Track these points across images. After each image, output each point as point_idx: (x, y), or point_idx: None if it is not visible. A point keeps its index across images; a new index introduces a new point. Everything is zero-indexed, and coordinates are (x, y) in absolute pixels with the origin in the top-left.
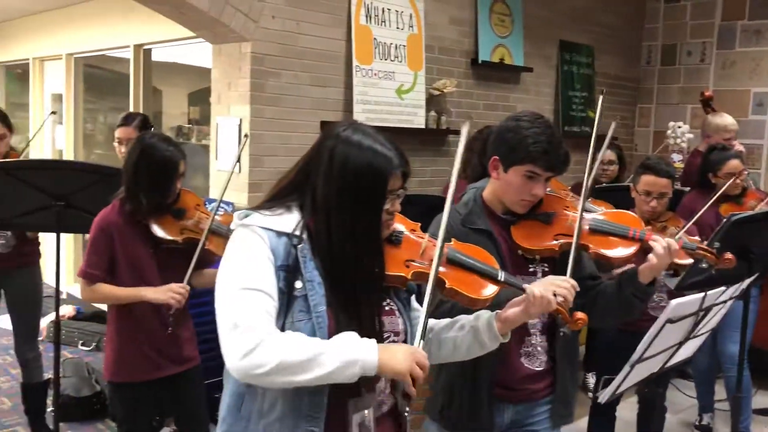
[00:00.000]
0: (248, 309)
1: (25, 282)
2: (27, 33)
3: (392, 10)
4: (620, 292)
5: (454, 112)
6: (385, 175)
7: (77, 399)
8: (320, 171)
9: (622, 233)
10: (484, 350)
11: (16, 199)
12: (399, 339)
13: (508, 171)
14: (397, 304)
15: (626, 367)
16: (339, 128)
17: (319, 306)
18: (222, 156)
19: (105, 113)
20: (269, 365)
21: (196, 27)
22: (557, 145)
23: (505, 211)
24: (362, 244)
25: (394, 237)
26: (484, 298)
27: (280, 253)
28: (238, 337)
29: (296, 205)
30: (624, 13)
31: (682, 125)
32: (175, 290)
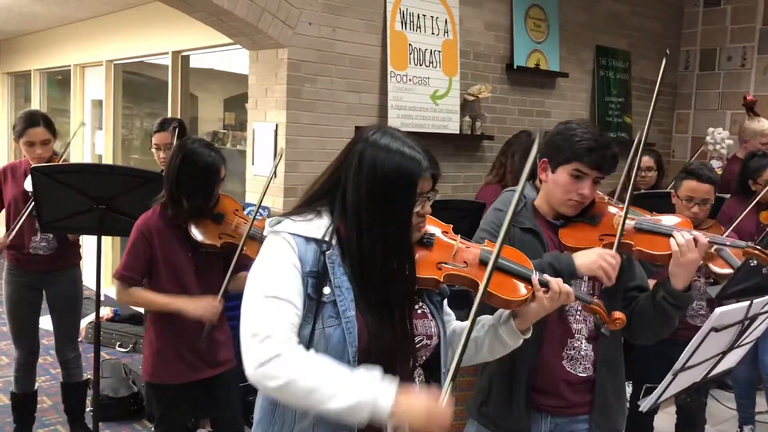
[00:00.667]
0: (268, 318)
1: (66, 284)
2: (68, 40)
3: (427, 15)
4: (654, 298)
5: (489, 117)
6: (415, 177)
7: (115, 399)
8: (350, 175)
9: (668, 233)
10: (507, 349)
11: (59, 203)
12: (432, 342)
13: (555, 171)
14: (430, 307)
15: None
16: (368, 132)
17: (348, 311)
18: (258, 161)
19: (142, 119)
20: (279, 381)
21: (233, 34)
22: (605, 144)
23: (555, 216)
24: (393, 247)
25: (426, 239)
26: (519, 299)
27: (309, 260)
28: (256, 345)
29: (326, 209)
30: (661, 18)
31: (722, 131)
32: (207, 308)
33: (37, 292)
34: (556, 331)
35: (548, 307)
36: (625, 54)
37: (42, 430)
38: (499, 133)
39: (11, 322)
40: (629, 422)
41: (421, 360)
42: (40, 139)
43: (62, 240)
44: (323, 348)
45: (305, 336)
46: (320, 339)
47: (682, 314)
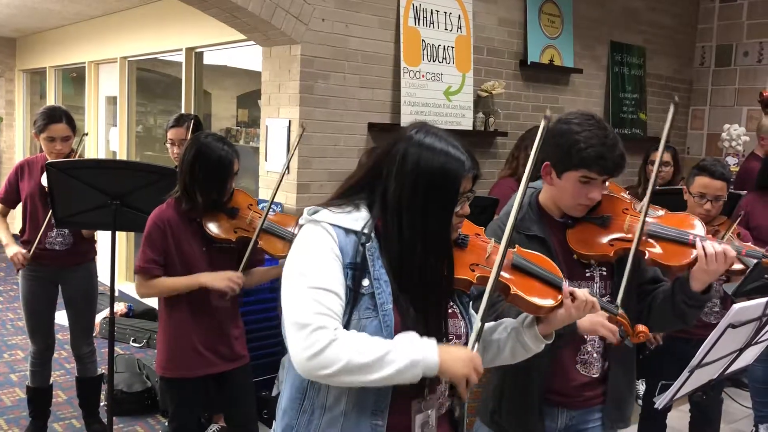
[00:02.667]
0: (317, 309)
1: (81, 279)
2: (83, 37)
3: (441, 11)
4: (672, 299)
5: (503, 113)
6: (459, 177)
7: (129, 394)
8: (392, 172)
9: (682, 239)
10: (528, 353)
11: (75, 198)
12: (460, 342)
13: (561, 177)
14: (459, 308)
15: (685, 373)
16: (411, 131)
17: (386, 304)
18: (271, 157)
19: (156, 115)
20: (337, 366)
21: (247, 30)
22: (612, 147)
23: (561, 215)
24: (432, 245)
25: (461, 240)
26: (548, 306)
27: (348, 251)
28: (307, 337)
29: (365, 203)
30: (676, 13)
31: (738, 128)
32: (232, 278)
33: (52, 287)
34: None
35: (574, 317)
36: (640, 50)
37: (57, 424)
38: (513, 129)
39: (27, 317)
40: (643, 420)
41: None
42: (61, 135)
43: (78, 235)
44: None
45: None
46: (355, 330)
47: None
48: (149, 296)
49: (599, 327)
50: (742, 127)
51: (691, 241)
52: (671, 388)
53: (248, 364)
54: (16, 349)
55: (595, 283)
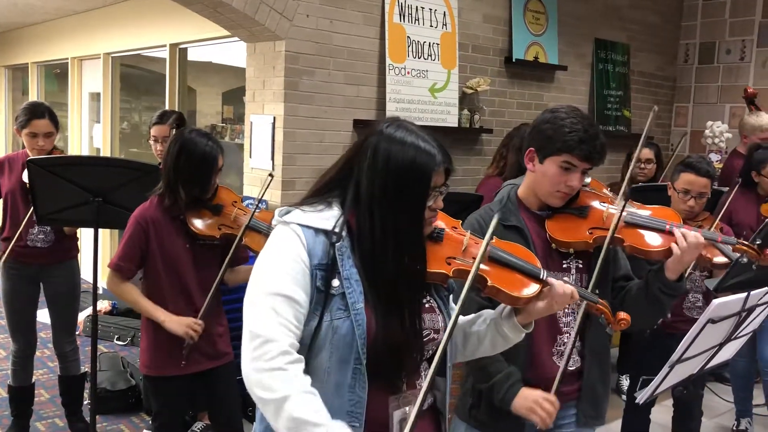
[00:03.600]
0: (269, 319)
1: (63, 276)
2: (66, 33)
3: (426, 8)
4: (648, 289)
5: (488, 110)
6: (429, 171)
7: (113, 392)
8: (363, 168)
9: (659, 227)
10: (509, 343)
11: (56, 195)
12: (439, 337)
13: (544, 162)
14: (437, 302)
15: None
16: (382, 125)
17: (357, 303)
18: (256, 154)
19: (140, 112)
20: (272, 395)
21: (231, 26)
22: (594, 135)
23: (540, 207)
24: (405, 240)
25: (436, 234)
26: (526, 297)
27: (318, 252)
28: (256, 348)
29: (337, 201)
30: (661, 11)
31: (721, 125)
32: (191, 326)
33: (34, 285)
34: (544, 328)
35: (554, 308)
36: (624, 47)
37: (39, 423)
38: (498, 126)
39: (8, 315)
40: (626, 414)
41: (428, 354)
42: (43, 131)
43: (60, 232)
44: (330, 340)
45: (311, 329)
46: (328, 331)
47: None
48: (117, 295)
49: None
50: (725, 124)
51: (668, 229)
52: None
53: (232, 361)
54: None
55: (571, 274)
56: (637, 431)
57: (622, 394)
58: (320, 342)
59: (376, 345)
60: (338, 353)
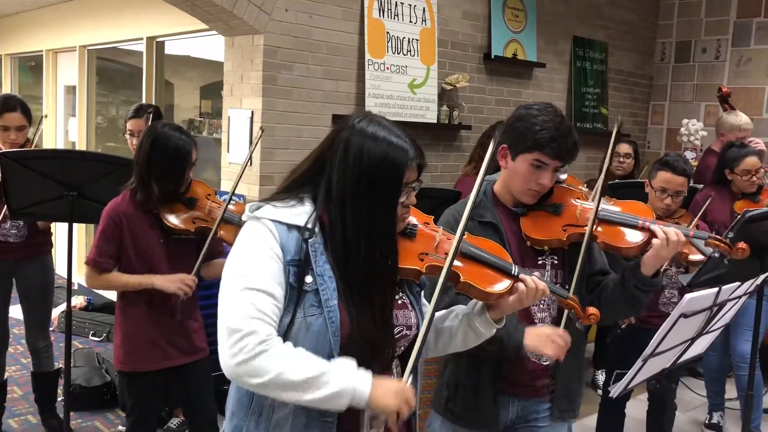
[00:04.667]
0: (249, 312)
1: (36, 272)
2: (41, 25)
3: (405, 3)
4: (624, 285)
5: (467, 107)
6: (402, 167)
7: (87, 389)
8: (335, 163)
9: (632, 223)
10: (480, 338)
11: (29, 189)
12: (411, 333)
13: (516, 159)
14: (410, 298)
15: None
16: (354, 119)
17: (330, 300)
18: (234, 149)
19: (117, 106)
20: (266, 377)
21: (208, 19)
22: (565, 133)
23: (515, 203)
24: (377, 236)
25: (409, 230)
26: (498, 292)
27: (291, 248)
28: (235, 343)
29: (309, 196)
30: (638, 9)
31: (696, 123)
32: (184, 281)
33: (6, 281)
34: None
35: (525, 303)
36: (602, 45)
37: (12, 420)
38: (477, 122)
39: None
40: (602, 409)
41: (400, 350)
42: (15, 124)
43: (33, 227)
44: (303, 336)
45: (284, 325)
46: (301, 328)
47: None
48: (99, 288)
49: (544, 345)
50: (700, 122)
51: (641, 225)
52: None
53: (208, 357)
54: None
55: (546, 271)
56: (612, 425)
57: (598, 389)
58: (293, 338)
59: (348, 342)
60: (310, 350)
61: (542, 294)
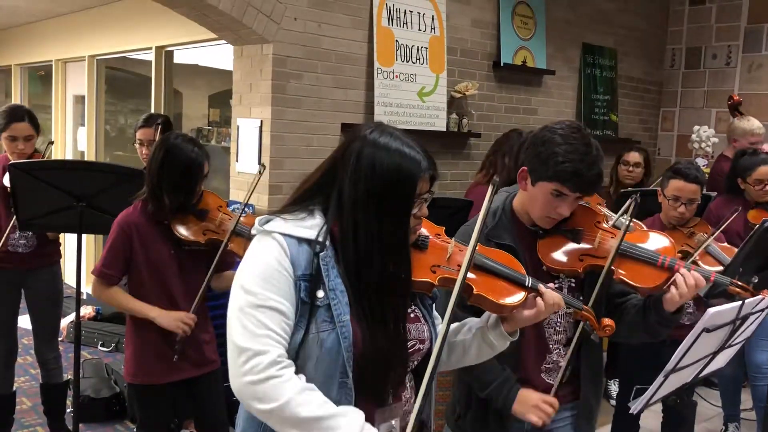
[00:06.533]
0: (259, 331)
1: (45, 282)
2: (50, 35)
3: (414, 12)
4: (645, 317)
5: (476, 114)
6: (414, 178)
7: (96, 400)
8: (346, 174)
9: (652, 260)
10: (495, 351)
11: (39, 200)
12: (424, 347)
13: (535, 185)
14: (422, 311)
15: (660, 377)
16: (365, 130)
17: (343, 315)
18: (243, 158)
19: (126, 115)
20: (271, 405)
21: (217, 29)
22: (589, 165)
23: (533, 223)
24: (389, 249)
25: (420, 242)
26: (512, 305)
27: (301, 262)
28: (245, 362)
29: (319, 209)
30: (648, 16)
31: (707, 129)
32: (183, 320)
33: (15, 291)
34: (533, 346)
35: (540, 316)
36: (611, 52)
37: None
38: (486, 130)
39: None
40: (616, 421)
41: (413, 365)
42: (23, 134)
43: (42, 237)
44: (317, 353)
45: (297, 341)
46: (313, 344)
47: None
48: (103, 301)
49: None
50: (712, 129)
51: (660, 263)
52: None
53: (219, 369)
54: None
55: (563, 293)
56: None
57: (611, 399)
58: (305, 355)
59: (362, 358)
60: (323, 366)
61: (558, 307)
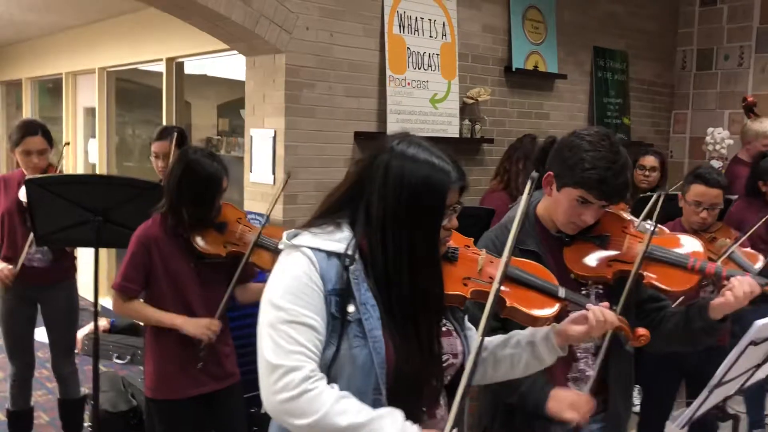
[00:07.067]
0: (290, 347)
1: (61, 297)
2: (60, 48)
3: (425, 18)
4: (688, 325)
5: (488, 120)
6: (444, 189)
7: (114, 414)
8: (374, 187)
9: (682, 263)
10: (542, 365)
11: (55, 215)
12: (457, 361)
13: (560, 190)
14: (454, 324)
15: (704, 392)
16: (393, 141)
17: (375, 330)
18: (257, 168)
19: (134, 126)
20: (310, 419)
21: (230, 39)
22: (617, 173)
23: (557, 228)
24: (420, 262)
25: (450, 254)
26: (546, 317)
27: (331, 276)
28: (278, 379)
29: (347, 221)
30: (658, 18)
31: (722, 131)
32: (209, 326)
33: (32, 306)
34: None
35: (593, 333)
36: (622, 55)
37: None
38: (499, 136)
39: (5, 337)
40: (640, 428)
41: (446, 380)
42: (37, 148)
43: (57, 252)
44: (349, 370)
45: (328, 357)
46: (345, 360)
47: None
48: (124, 315)
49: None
50: (726, 131)
51: (690, 265)
52: (690, 407)
53: (239, 382)
54: None
55: (591, 300)
56: None
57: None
58: (337, 371)
59: (395, 374)
60: (356, 383)
61: (610, 326)
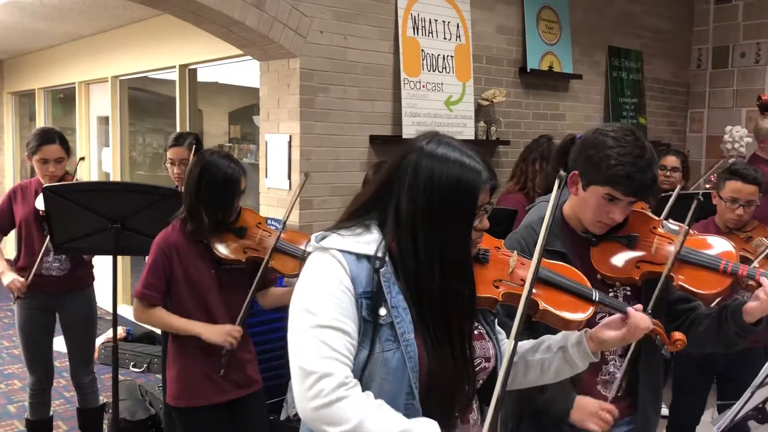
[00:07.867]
0: (323, 352)
1: (79, 305)
2: (72, 57)
3: (439, 20)
4: (721, 328)
5: (504, 122)
6: (476, 189)
7: (133, 423)
8: (404, 187)
9: (713, 266)
10: (575, 371)
11: (73, 223)
12: (490, 365)
13: (586, 189)
14: (485, 327)
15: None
16: (422, 141)
17: (407, 333)
18: (272, 174)
19: (145, 134)
20: (345, 426)
21: (244, 45)
22: (644, 168)
23: (584, 228)
24: (451, 264)
25: (481, 255)
26: (579, 320)
27: (362, 279)
28: (312, 385)
29: (375, 223)
30: (672, 17)
31: (740, 129)
32: (231, 333)
33: (49, 315)
34: None
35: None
36: (637, 54)
37: None
38: (515, 137)
39: (24, 347)
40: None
41: (479, 384)
42: (54, 156)
43: (76, 259)
44: (382, 374)
45: (361, 361)
46: (378, 364)
47: None
48: (146, 323)
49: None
50: (744, 129)
51: (722, 268)
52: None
53: (261, 389)
54: (12, 379)
55: (618, 295)
56: None
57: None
58: (369, 375)
59: (428, 378)
60: (388, 386)
61: (646, 330)
